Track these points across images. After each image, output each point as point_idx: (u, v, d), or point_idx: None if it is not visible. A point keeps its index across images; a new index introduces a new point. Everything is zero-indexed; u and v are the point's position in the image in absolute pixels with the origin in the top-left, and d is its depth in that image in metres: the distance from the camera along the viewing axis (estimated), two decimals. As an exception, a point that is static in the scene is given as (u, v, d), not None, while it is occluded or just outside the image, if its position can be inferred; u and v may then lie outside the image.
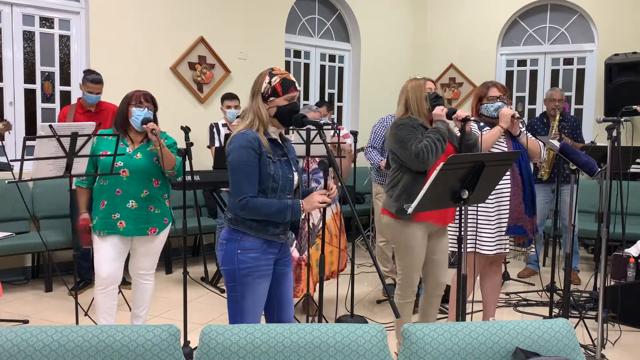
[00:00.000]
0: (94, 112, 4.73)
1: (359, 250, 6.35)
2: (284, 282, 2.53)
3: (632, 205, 5.59)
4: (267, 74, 2.39)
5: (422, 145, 2.91)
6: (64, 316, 4.16)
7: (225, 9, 6.31)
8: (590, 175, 3.45)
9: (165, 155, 3.14)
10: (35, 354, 1.70)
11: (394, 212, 3.09)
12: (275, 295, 2.51)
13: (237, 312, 2.40)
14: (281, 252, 2.49)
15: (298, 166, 2.53)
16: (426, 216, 3.03)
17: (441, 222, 3.15)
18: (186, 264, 3.55)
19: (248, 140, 2.30)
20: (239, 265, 2.35)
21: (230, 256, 2.36)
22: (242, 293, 2.37)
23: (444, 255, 3.25)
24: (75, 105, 4.76)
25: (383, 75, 7.85)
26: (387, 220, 3.19)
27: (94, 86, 4.64)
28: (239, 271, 2.35)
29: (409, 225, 3.07)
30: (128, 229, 3.18)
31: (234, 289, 2.38)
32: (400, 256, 3.17)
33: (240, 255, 2.35)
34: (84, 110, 4.73)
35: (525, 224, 3.30)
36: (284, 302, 2.54)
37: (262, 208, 2.31)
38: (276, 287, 2.50)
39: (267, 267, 2.40)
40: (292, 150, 2.54)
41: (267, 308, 2.54)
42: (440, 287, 3.29)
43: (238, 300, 2.38)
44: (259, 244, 2.37)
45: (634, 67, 6.48)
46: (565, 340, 1.87)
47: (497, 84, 3.42)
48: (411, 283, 3.17)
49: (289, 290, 2.56)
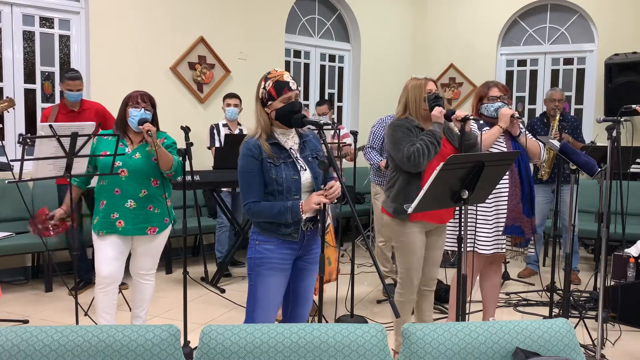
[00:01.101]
0: (76, 112, 4.68)
1: (359, 250, 6.35)
2: (305, 277, 2.61)
3: (632, 205, 5.59)
4: (263, 79, 2.46)
5: (414, 149, 2.92)
6: (64, 316, 4.17)
7: (225, 9, 6.32)
8: (590, 175, 3.45)
9: (161, 156, 3.14)
10: (35, 354, 1.70)
11: (391, 212, 3.11)
12: (293, 290, 2.61)
13: (251, 301, 2.53)
14: (304, 248, 2.55)
15: (313, 164, 2.54)
16: (423, 215, 3.03)
17: (438, 220, 3.16)
18: (186, 264, 3.55)
19: (248, 149, 2.42)
20: (255, 255, 2.49)
21: (251, 246, 2.51)
22: (255, 282, 2.50)
23: (440, 252, 3.27)
24: (58, 106, 4.70)
25: (383, 75, 7.85)
26: (387, 220, 3.22)
27: (72, 83, 4.57)
28: (254, 260, 2.49)
29: (406, 224, 3.09)
30: (127, 229, 3.18)
31: (251, 278, 2.52)
32: (400, 255, 3.18)
33: (258, 246, 2.49)
34: (67, 111, 4.67)
35: (523, 224, 3.30)
36: (301, 297, 2.63)
37: (264, 211, 2.42)
38: (295, 281, 2.60)
39: (280, 262, 2.48)
40: (310, 145, 2.56)
41: (285, 301, 2.64)
42: (432, 282, 3.29)
43: (252, 290, 2.52)
44: (275, 239, 2.48)
45: (634, 67, 6.48)
46: (565, 340, 1.87)
47: (498, 84, 3.42)
48: (411, 282, 3.17)
49: (308, 286, 2.64)
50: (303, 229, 2.49)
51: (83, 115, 4.67)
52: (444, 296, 4.27)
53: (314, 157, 2.55)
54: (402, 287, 3.21)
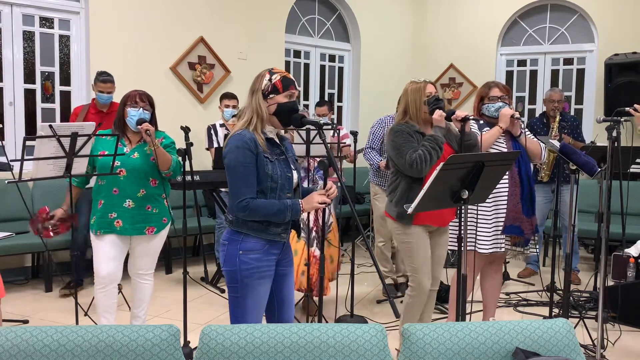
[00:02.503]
0: (105, 113, 4.79)
1: (359, 250, 6.35)
2: (286, 282, 2.53)
3: (632, 205, 5.59)
4: (267, 72, 2.40)
5: (417, 155, 2.93)
6: (64, 316, 4.16)
7: (225, 9, 6.31)
8: (590, 175, 3.45)
9: (160, 156, 3.14)
10: (35, 354, 1.69)
11: (395, 216, 3.13)
12: (276, 296, 2.51)
13: (238, 313, 2.40)
14: (283, 252, 2.48)
15: (297, 165, 2.53)
16: (425, 218, 3.06)
17: (440, 223, 3.18)
18: (186, 264, 3.55)
19: (244, 141, 2.29)
20: (241, 267, 2.34)
21: (232, 257, 2.35)
22: (243, 294, 2.37)
23: (443, 251, 3.28)
24: (89, 106, 4.83)
25: (383, 75, 7.85)
26: (390, 224, 3.23)
27: (103, 85, 4.70)
28: (240, 272, 2.34)
29: (410, 228, 3.11)
30: (125, 228, 3.19)
31: (236, 290, 2.38)
32: (408, 258, 3.19)
33: (242, 257, 2.34)
34: (96, 111, 4.80)
35: (522, 224, 3.30)
36: (285, 302, 2.55)
37: (262, 209, 2.30)
38: (277, 287, 2.50)
39: (268, 268, 2.40)
40: (290, 149, 2.53)
41: (268, 308, 2.54)
42: (435, 282, 3.29)
43: (239, 301, 2.38)
44: (261, 244, 2.36)
45: (634, 67, 6.48)
46: (565, 340, 1.87)
47: (499, 84, 3.43)
48: (420, 284, 3.17)
49: (290, 290, 2.57)
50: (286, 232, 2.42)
51: (112, 117, 4.74)
52: (444, 296, 4.27)
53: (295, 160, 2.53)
54: (412, 290, 3.21)
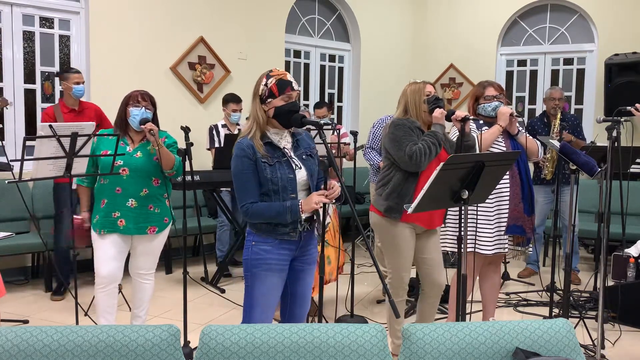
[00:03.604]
0: (77, 111, 4.65)
1: (359, 250, 6.35)
2: (302, 278, 2.60)
3: (632, 205, 5.58)
4: (264, 76, 2.44)
5: (417, 148, 2.92)
6: (64, 316, 4.16)
7: (225, 9, 6.31)
8: (590, 175, 3.45)
9: (163, 155, 3.14)
10: (35, 354, 1.69)
11: (382, 210, 3.09)
12: (291, 291, 2.60)
13: (248, 301, 2.52)
14: (300, 249, 2.53)
15: (308, 162, 2.52)
16: (414, 217, 3.01)
17: (428, 225, 3.15)
18: (186, 264, 3.55)
19: (242, 149, 2.41)
20: (251, 256, 2.47)
21: (247, 247, 2.49)
22: (252, 283, 2.49)
23: (437, 253, 3.23)
24: (59, 105, 4.65)
25: (383, 75, 7.85)
26: (375, 219, 3.19)
27: (78, 76, 4.57)
28: (250, 262, 2.47)
29: (396, 224, 3.08)
30: (128, 228, 3.19)
31: (247, 279, 2.51)
32: (389, 255, 3.18)
33: (254, 247, 2.46)
34: (68, 110, 4.63)
35: (524, 223, 3.30)
36: (298, 297, 2.62)
37: (262, 212, 2.40)
38: (293, 282, 2.59)
39: (277, 262, 2.47)
40: (303, 144, 2.55)
41: (283, 302, 2.63)
42: (437, 287, 3.25)
43: (249, 290, 2.50)
44: (272, 240, 2.46)
45: (634, 67, 6.48)
46: (565, 340, 1.87)
47: (493, 84, 3.42)
48: (401, 282, 3.18)
49: (305, 286, 2.63)
50: (300, 228, 2.47)
51: (84, 115, 4.67)
52: (444, 296, 4.26)
53: (309, 155, 2.54)
54: (392, 287, 3.20)
